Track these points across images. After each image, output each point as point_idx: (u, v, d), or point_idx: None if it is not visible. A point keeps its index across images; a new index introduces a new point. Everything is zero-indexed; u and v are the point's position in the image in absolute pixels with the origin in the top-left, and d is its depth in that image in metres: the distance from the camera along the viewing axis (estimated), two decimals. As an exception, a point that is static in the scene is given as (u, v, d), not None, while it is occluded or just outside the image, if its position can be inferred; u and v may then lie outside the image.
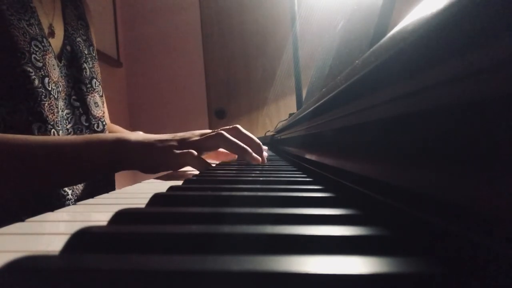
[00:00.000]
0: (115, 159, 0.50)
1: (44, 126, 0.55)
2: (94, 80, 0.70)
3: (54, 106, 0.58)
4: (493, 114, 0.12)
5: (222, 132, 0.54)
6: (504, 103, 0.11)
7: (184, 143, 0.53)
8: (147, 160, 0.50)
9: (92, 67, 0.71)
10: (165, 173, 0.59)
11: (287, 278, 0.11)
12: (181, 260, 0.12)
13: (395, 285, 0.11)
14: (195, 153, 0.51)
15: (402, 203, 0.17)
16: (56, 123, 0.57)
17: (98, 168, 0.51)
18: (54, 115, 0.57)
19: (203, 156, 0.55)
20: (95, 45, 0.75)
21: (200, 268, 0.11)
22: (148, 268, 0.11)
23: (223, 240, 0.15)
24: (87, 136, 0.50)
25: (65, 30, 0.66)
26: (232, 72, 2.33)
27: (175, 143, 0.52)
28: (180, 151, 0.51)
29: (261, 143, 0.60)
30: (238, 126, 0.60)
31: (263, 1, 2.24)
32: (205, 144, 0.53)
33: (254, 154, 0.55)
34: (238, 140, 0.55)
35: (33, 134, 0.53)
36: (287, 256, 0.12)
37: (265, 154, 0.64)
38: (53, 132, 0.56)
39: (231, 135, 0.55)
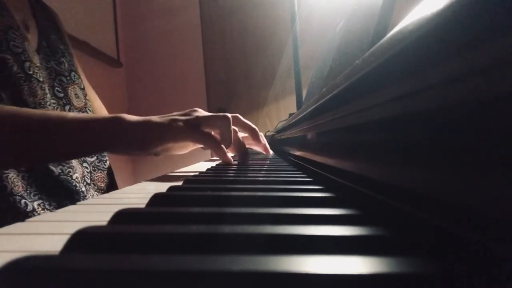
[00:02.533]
0: (110, 136, 0.49)
1: None
2: (73, 73, 0.73)
3: (38, 88, 0.59)
4: (493, 113, 0.12)
5: (228, 115, 0.54)
6: (504, 103, 0.11)
7: (186, 117, 0.52)
8: (142, 134, 0.49)
9: (70, 61, 0.74)
10: (165, 173, 0.59)
11: (287, 278, 0.11)
12: (181, 260, 0.12)
13: (395, 285, 0.11)
14: (204, 131, 0.51)
15: (402, 203, 0.17)
16: (40, 104, 0.59)
17: (93, 144, 0.51)
18: (37, 97, 0.58)
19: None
20: (69, 45, 0.78)
21: (200, 268, 0.11)
22: (148, 268, 0.11)
23: (223, 240, 0.15)
24: (85, 114, 0.51)
25: (38, 28, 0.69)
26: (232, 72, 2.33)
27: (176, 117, 0.51)
28: (185, 123, 0.50)
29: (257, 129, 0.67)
30: (239, 116, 0.65)
31: (263, 1, 2.24)
32: (209, 122, 0.53)
33: (227, 155, 0.55)
34: (238, 126, 0.60)
35: None
36: (287, 256, 0.12)
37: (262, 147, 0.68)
38: None
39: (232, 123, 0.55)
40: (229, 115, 0.55)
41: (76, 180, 0.62)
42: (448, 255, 0.13)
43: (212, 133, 0.56)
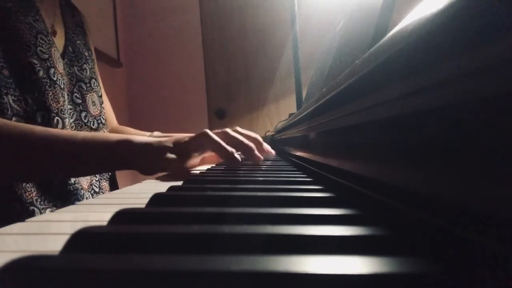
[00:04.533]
0: (116, 159, 0.51)
1: (47, 114, 0.58)
2: (93, 80, 0.74)
3: (60, 95, 0.61)
4: (493, 113, 0.12)
5: (206, 131, 0.53)
6: (504, 103, 0.11)
7: (177, 144, 0.52)
8: (144, 161, 0.51)
9: (92, 68, 0.75)
10: (165, 173, 0.59)
11: (287, 278, 0.11)
12: (181, 260, 0.12)
13: (395, 285, 0.11)
14: (177, 160, 0.51)
15: (402, 203, 0.17)
16: (61, 111, 0.61)
17: (98, 165, 0.53)
18: (59, 103, 0.60)
19: (195, 159, 0.55)
20: (93, 50, 0.80)
21: (200, 268, 0.11)
22: (148, 268, 0.11)
23: (223, 240, 0.15)
24: (93, 134, 0.52)
25: (66, 32, 0.70)
26: (232, 72, 2.32)
27: (170, 145, 0.52)
28: (168, 155, 0.51)
29: (254, 142, 0.61)
30: (227, 130, 0.58)
31: (263, 1, 2.24)
32: (191, 146, 0.52)
33: (236, 155, 0.53)
34: (226, 142, 0.54)
35: (36, 122, 0.56)
36: (287, 256, 0.12)
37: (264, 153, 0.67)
38: (57, 120, 0.59)
39: (218, 138, 0.53)
40: (209, 132, 0.53)
41: (81, 190, 0.63)
42: (448, 255, 0.13)
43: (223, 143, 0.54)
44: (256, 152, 0.58)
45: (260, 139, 0.68)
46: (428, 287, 0.11)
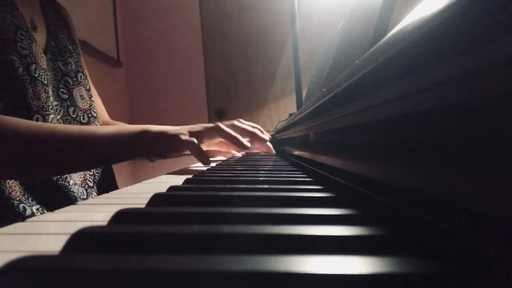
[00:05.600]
0: (138, 147, 0.57)
1: (27, 112, 0.57)
2: (80, 73, 0.73)
3: (42, 92, 0.59)
4: (492, 114, 0.12)
5: (219, 124, 0.64)
6: (503, 103, 0.11)
7: (191, 132, 0.61)
8: (162, 146, 0.58)
9: (78, 62, 0.74)
10: (164, 173, 0.59)
11: (287, 278, 0.11)
12: (181, 260, 0.12)
13: (395, 285, 0.11)
14: (196, 142, 0.59)
15: (401, 203, 0.17)
16: (43, 108, 0.59)
17: (123, 154, 0.58)
18: (40, 100, 0.59)
19: (205, 146, 0.65)
20: (78, 43, 0.78)
21: (200, 268, 0.11)
22: (148, 268, 0.11)
23: (223, 240, 0.15)
24: (117, 128, 0.56)
25: (48, 27, 0.68)
26: (232, 72, 2.32)
27: (184, 132, 0.60)
28: (186, 138, 0.58)
29: (256, 131, 0.74)
30: (235, 121, 0.71)
31: (263, 1, 2.24)
32: (204, 133, 0.62)
33: (244, 141, 0.65)
34: (234, 131, 0.65)
35: None
36: (287, 256, 0.12)
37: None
38: (37, 117, 0.58)
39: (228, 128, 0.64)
40: (221, 125, 0.63)
41: (74, 185, 0.62)
42: (448, 255, 0.13)
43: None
44: (261, 134, 0.74)
45: (261, 129, 0.79)
46: (428, 287, 0.11)
